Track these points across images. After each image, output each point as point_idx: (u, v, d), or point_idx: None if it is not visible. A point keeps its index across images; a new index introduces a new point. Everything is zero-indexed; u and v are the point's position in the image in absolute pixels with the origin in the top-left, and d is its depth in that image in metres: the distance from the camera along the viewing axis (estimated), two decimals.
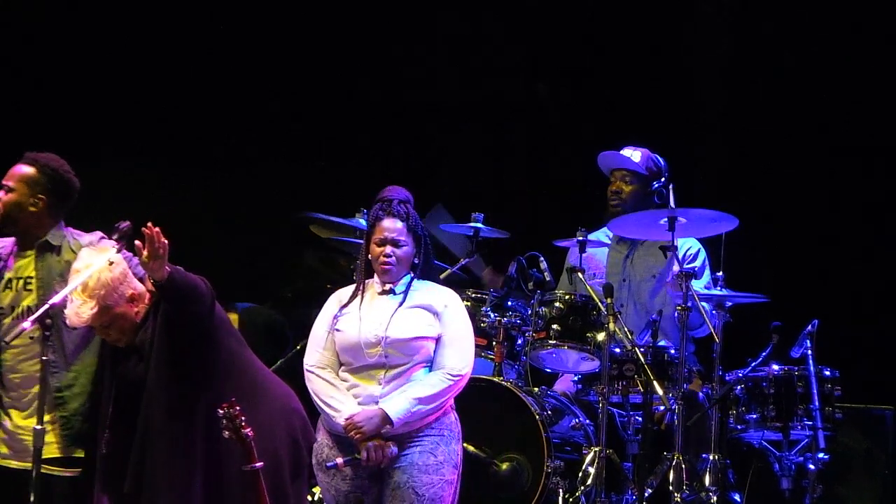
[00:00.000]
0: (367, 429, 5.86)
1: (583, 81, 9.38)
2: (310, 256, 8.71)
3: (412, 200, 6.12)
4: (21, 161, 6.43)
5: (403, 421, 5.88)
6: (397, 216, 6.02)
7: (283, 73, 9.55)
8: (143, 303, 5.99)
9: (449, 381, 5.94)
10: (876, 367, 8.15)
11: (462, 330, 6.03)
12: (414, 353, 5.96)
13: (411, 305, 6.02)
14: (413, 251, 6.05)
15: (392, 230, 6.01)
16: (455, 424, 6.05)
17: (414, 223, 6.05)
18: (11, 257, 6.41)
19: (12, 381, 6.33)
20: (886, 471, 7.84)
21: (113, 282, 5.91)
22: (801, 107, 8.82)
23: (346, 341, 6.00)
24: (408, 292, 6.04)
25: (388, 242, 6.01)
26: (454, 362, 5.97)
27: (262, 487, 5.69)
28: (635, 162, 7.85)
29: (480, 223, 7.77)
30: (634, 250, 7.89)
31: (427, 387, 5.92)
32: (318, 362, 6.05)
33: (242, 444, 5.67)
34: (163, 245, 5.70)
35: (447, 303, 6.05)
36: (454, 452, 6.00)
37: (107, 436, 5.98)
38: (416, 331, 5.97)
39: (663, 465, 7.05)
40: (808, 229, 8.66)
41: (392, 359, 5.96)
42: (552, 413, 7.34)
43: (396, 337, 5.96)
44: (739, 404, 7.23)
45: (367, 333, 5.97)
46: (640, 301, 7.81)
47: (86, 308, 5.87)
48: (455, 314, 6.04)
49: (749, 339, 7.33)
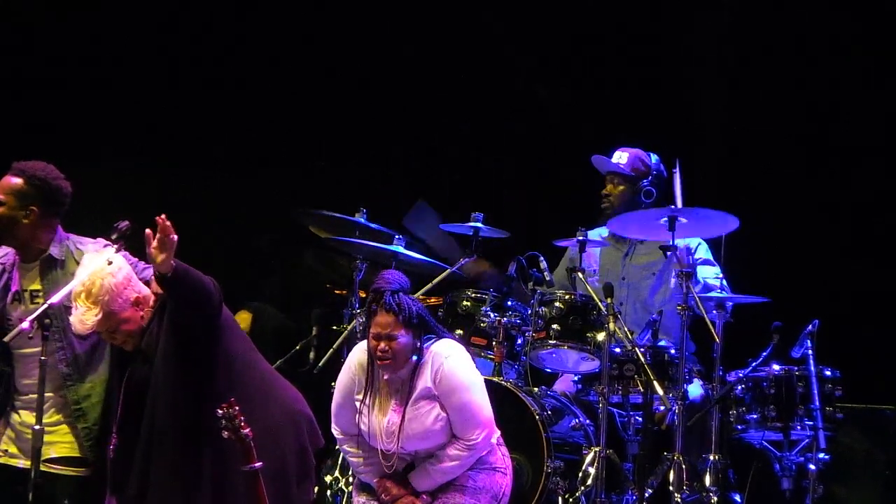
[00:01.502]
0: (396, 492, 6.00)
1: (583, 81, 9.38)
2: (310, 256, 8.70)
3: (407, 285, 6.08)
4: (9, 172, 6.38)
5: (429, 487, 6.01)
6: (389, 311, 5.97)
7: (283, 73, 9.55)
8: (148, 306, 5.97)
9: (468, 451, 6.02)
10: (876, 367, 8.14)
11: (459, 397, 6.01)
12: (434, 443, 6.02)
13: (418, 402, 6.01)
14: (410, 340, 6.00)
15: (385, 325, 5.97)
16: (502, 460, 6.13)
17: (407, 314, 5.98)
18: (16, 269, 6.40)
19: (25, 386, 6.34)
20: (887, 471, 7.84)
21: (116, 287, 5.90)
22: (801, 106, 8.81)
23: (368, 437, 6.06)
24: (413, 386, 6.02)
25: (382, 338, 5.98)
26: (466, 434, 6.01)
27: (261, 487, 5.68)
28: (621, 165, 7.89)
29: (480, 223, 7.76)
30: (633, 249, 7.90)
31: (447, 459, 6.01)
32: (349, 430, 6.11)
33: (242, 444, 5.66)
34: (172, 238, 5.68)
35: (437, 370, 6.02)
36: (497, 484, 6.08)
37: (114, 439, 5.98)
38: (431, 433, 6.00)
39: (663, 466, 7.04)
40: (808, 229, 8.65)
41: (414, 451, 6.04)
42: (552, 413, 7.33)
43: (413, 447, 6.02)
44: (740, 404, 7.22)
45: (384, 444, 6.03)
46: (639, 299, 7.81)
47: (90, 315, 5.86)
48: (448, 386, 6.01)
49: (749, 340, 7.33)
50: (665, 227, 7.20)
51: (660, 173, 7.93)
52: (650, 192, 7.85)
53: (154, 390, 5.87)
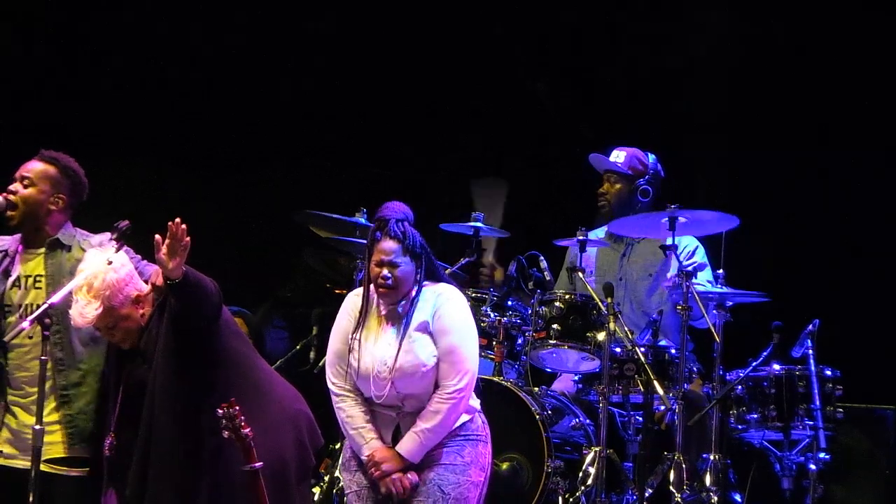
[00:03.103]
0: (387, 468, 5.91)
1: (583, 81, 9.38)
2: (310, 256, 8.70)
3: (411, 217, 6.06)
4: (38, 158, 6.44)
5: (421, 454, 5.93)
6: (394, 237, 5.96)
7: (283, 74, 9.55)
8: (148, 305, 5.97)
9: (449, 400, 5.93)
10: (877, 367, 8.14)
11: (449, 339, 5.97)
12: (425, 382, 5.96)
13: (414, 333, 5.98)
14: (412, 269, 5.99)
15: (388, 252, 5.96)
16: (482, 427, 6.07)
17: (411, 242, 5.98)
18: (18, 255, 6.41)
19: (19, 380, 6.32)
20: (887, 471, 7.84)
21: (118, 283, 5.90)
22: (801, 106, 8.81)
23: (358, 376, 6.01)
24: (410, 316, 6.00)
25: (384, 265, 5.97)
26: (449, 379, 5.94)
27: (261, 487, 5.68)
28: (618, 164, 7.89)
29: (480, 223, 7.76)
30: (631, 249, 7.90)
31: (431, 414, 5.93)
32: (345, 384, 6.05)
33: (242, 443, 5.66)
34: (185, 242, 5.68)
35: (434, 312, 5.99)
36: (481, 455, 6.02)
37: (110, 439, 5.97)
38: (422, 366, 5.94)
39: (664, 465, 7.05)
40: (808, 229, 8.65)
41: (404, 391, 5.97)
42: (552, 413, 7.34)
43: (403, 376, 5.94)
44: (740, 404, 7.22)
45: (376, 373, 5.96)
46: (636, 300, 7.81)
47: (90, 309, 5.86)
48: (442, 325, 5.98)
49: (750, 339, 7.33)
50: (665, 227, 7.21)
51: (657, 172, 7.95)
52: (647, 190, 7.87)
53: (152, 390, 5.86)
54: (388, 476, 5.90)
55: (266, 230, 9.37)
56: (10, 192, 6.37)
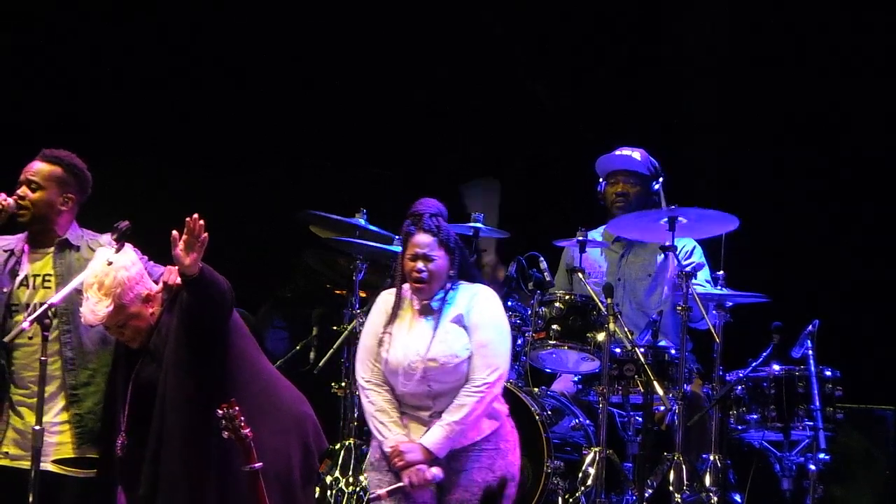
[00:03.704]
0: (410, 458, 5.90)
1: (583, 81, 9.38)
2: (310, 256, 8.70)
3: (445, 213, 6.11)
4: (41, 159, 6.40)
5: (445, 448, 5.93)
6: (428, 231, 6.01)
7: (283, 73, 9.55)
8: (158, 304, 5.97)
9: (476, 394, 5.94)
10: (877, 368, 8.15)
11: (484, 335, 6.00)
12: (456, 376, 5.97)
13: (447, 325, 6.01)
14: (446, 264, 6.03)
15: (423, 245, 6.00)
16: (511, 433, 6.08)
17: (445, 236, 6.03)
18: (24, 255, 6.40)
19: (26, 379, 6.28)
20: (887, 471, 7.84)
21: (129, 281, 5.90)
22: (801, 106, 8.81)
23: (389, 369, 6.03)
24: (443, 309, 6.03)
25: (419, 258, 6.01)
26: (479, 372, 5.97)
27: (261, 487, 5.68)
28: (640, 162, 7.86)
29: (480, 223, 7.76)
30: (630, 250, 7.90)
31: (458, 408, 5.94)
32: (371, 378, 6.08)
33: (242, 444, 5.66)
34: (203, 238, 5.67)
35: (471, 307, 6.02)
36: (511, 464, 6.03)
37: (122, 439, 5.96)
38: (454, 357, 5.96)
39: (664, 466, 7.05)
40: (808, 229, 8.65)
41: (435, 386, 5.99)
42: (552, 413, 7.34)
43: (435, 367, 5.96)
44: (740, 404, 7.22)
45: (407, 364, 5.98)
46: (635, 301, 7.81)
47: (101, 306, 5.86)
48: (477, 319, 6.01)
49: (749, 339, 7.33)
50: (665, 228, 7.20)
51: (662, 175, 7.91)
52: (658, 192, 7.84)
53: (163, 390, 5.86)
54: (411, 466, 5.89)
55: (266, 230, 9.37)
56: (19, 198, 6.34)
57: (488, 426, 5.99)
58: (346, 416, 7.73)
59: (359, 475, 7.48)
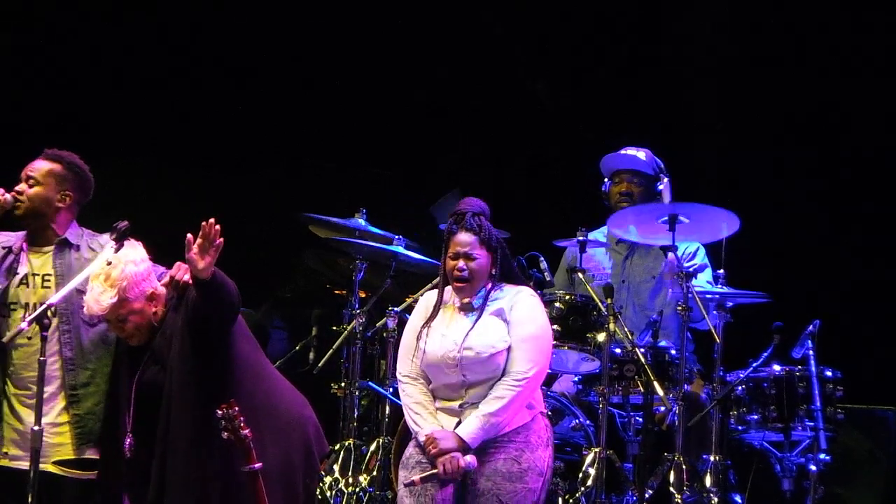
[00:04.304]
0: (444, 445, 5.90)
1: (583, 81, 9.37)
2: (310, 256, 8.70)
3: (487, 212, 6.11)
4: (42, 157, 6.41)
5: (479, 439, 5.93)
6: (470, 230, 6.03)
7: (283, 73, 9.55)
8: (161, 304, 5.96)
9: (515, 386, 5.95)
10: (877, 368, 8.15)
11: (526, 329, 6.01)
12: (491, 368, 5.98)
13: (487, 318, 6.03)
14: (488, 263, 6.05)
15: (465, 244, 6.03)
16: (545, 430, 6.08)
17: (487, 235, 6.04)
18: (23, 253, 6.40)
19: (26, 380, 6.27)
20: (888, 472, 7.84)
21: (136, 276, 5.90)
22: (801, 106, 8.81)
23: (426, 360, 6.05)
24: (484, 305, 6.05)
25: (461, 256, 6.03)
26: (519, 366, 5.97)
27: (261, 487, 5.67)
28: (645, 162, 7.86)
29: None
30: (634, 252, 7.90)
31: (494, 400, 5.95)
32: (409, 372, 6.10)
33: (241, 444, 5.66)
34: (218, 242, 5.66)
35: (514, 302, 6.04)
36: (540, 459, 6.01)
37: (129, 441, 5.95)
38: (491, 348, 5.97)
39: (664, 466, 7.04)
40: (808, 229, 8.65)
41: (470, 377, 6.00)
42: (552, 414, 7.32)
43: (471, 357, 5.97)
44: (740, 405, 7.22)
45: (444, 355, 6.00)
46: (639, 302, 7.81)
47: (106, 296, 5.85)
48: (521, 315, 6.03)
49: (750, 340, 7.32)
50: (665, 228, 7.20)
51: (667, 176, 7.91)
52: (661, 193, 7.83)
53: (168, 391, 5.85)
54: (445, 454, 5.88)
55: (266, 230, 9.36)
56: (16, 193, 6.35)
57: (520, 419, 6.00)
58: (345, 417, 7.73)
59: (359, 475, 7.48)
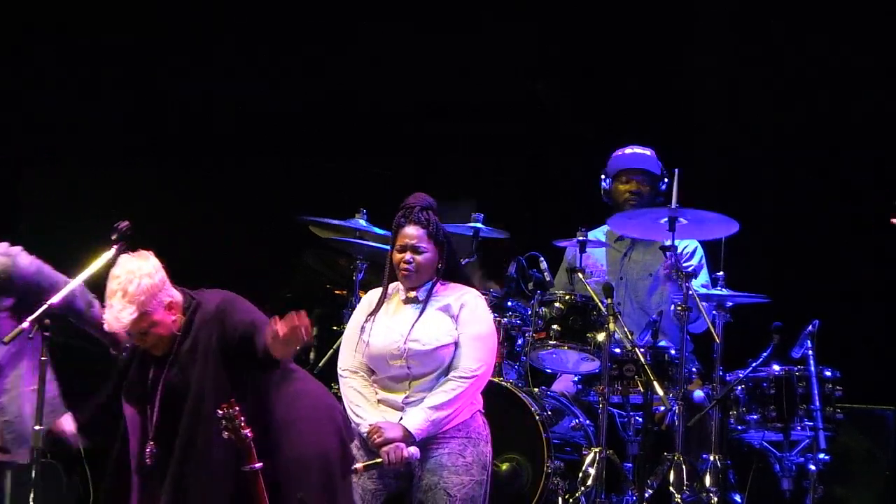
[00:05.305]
0: (389, 435, 5.95)
1: (583, 81, 9.38)
2: (310, 256, 8.70)
3: (435, 207, 6.18)
4: None
5: (425, 432, 5.98)
6: (418, 223, 6.10)
7: (283, 73, 9.55)
8: (179, 312, 5.92)
9: (463, 382, 6.02)
10: (877, 368, 8.14)
11: (476, 328, 6.09)
12: (437, 362, 6.05)
13: (432, 312, 6.09)
14: (435, 257, 6.12)
15: (412, 237, 6.09)
16: (483, 427, 6.15)
17: (435, 229, 6.11)
18: None
19: None
20: (887, 471, 7.83)
21: (152, 288, 5.86)
22: (801, 106, 8.81)
23: (370, 352, 6.11)
24: (429, 299, 6.11)
25: (408, 249, 6.09)
26: (466, 362, 6.05)
27: (261, 487, 5.66)
28: (654, 161, 7.87)
29: (480, 223, 7.76)
30: (632, 249, 7.90)
31: (441, 393, 6.01)
32: (350, 366, 6.17)
33: (242, 444, 5.64)
34: (304, 339, 5.58)
35: (463, 302, 6.11)
36: (482, 454, 6.10)
37: (151, 447, 5.90)
38: (436, 340, 6.05)
39: (664, 466, 7.04)
40: (808, 229, 8.65)
41: (415, 369, 6.06)
42: (552, 413, 7.33)
43: (417, 349, 6.04)
44: (740, 405, 7.22)
45: (389, 346, 6.06)
46: (637, 300, 7.81)
47: (126, 314, 5.82)
48: (470, 313, 6.10)
49: (749, 340, 7.32)
50: (664, 228, 7.20)
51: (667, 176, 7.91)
52: (664, 193, 7.83)
53: (199, 393, 5.76)
54: (389, 443, 5.92)
55: (266, 230, 9.37)
56: None
57: (461, 416, 6.05)
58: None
59: None
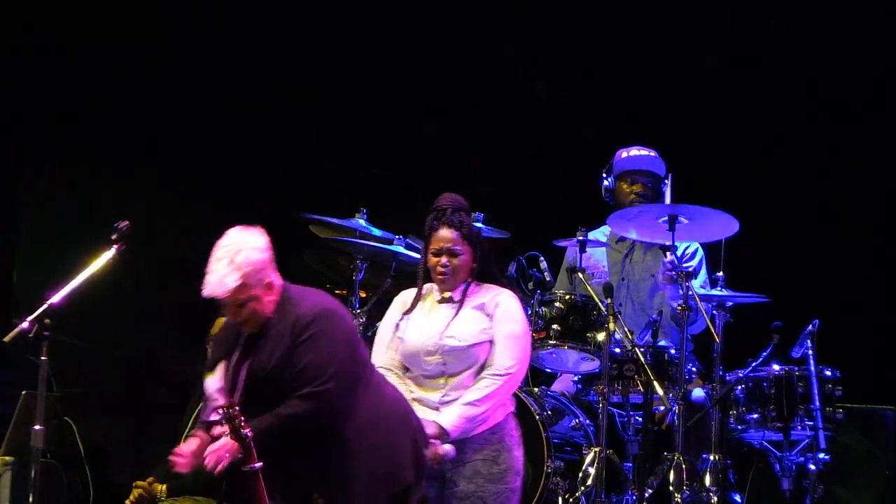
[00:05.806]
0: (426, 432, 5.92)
1: (583, 81, 9.38)
2: (310, 256, 8.69)
3: (467, 208, 6.20)
4: None
5: (459, 429, 5.99)
6: (452, 226, 6.12)
7: (283, 73, 9.54)
8: (277, 295, 5.88)
9: (497, 380, 6.04)
10: (877, 368, 8.15)
11: (511, 327, 6.12)
12: (472, 359, 6.08)
13: (468, 311, 6.12)
14: (470, 259, 6.15)
15: (447, 240, 6.12)
16: (515, 430, 6.18)
17: (469, 231, 6.14)
18: None
19: None
20: (887, 471, 7.83)
21: (260, 263, 5.84)
22: (801, 106, 8.81)
23: (406, 350, 6.13)
24: (465, 299, 6.14)
25: (443, 253, 6.12)
26: (502, 360, 6.08)
27: (261, 487, 5.66)
28: (659, 162, 7.86)
29: (480, 223, 7.75)
30: (633, 250, 7.90)
31: (476, 391, 6.04)
32: (384, 363, 6.18)
33: (242, 444, 5.64)
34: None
35: (498, 301, 6.14)
36: (515, 459, 6.13)
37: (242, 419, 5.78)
38: (472, 338, 6.08)
39: (663, 466, 7.04)
40: (808, 229, 8.65)
41: (450, 366, 6.08)
42: (552, 413, 7.33)
43: (453, 346, 6.07)
44: (740, 404, 7.22)
45: (425, 343, 6.08)
46: (638, 301, 7.81)
47: (231, 279, 5.76)
48: (505, 312, 6.13)
49: (749, 340, 7.32)
50: (664, 227, 7.20)
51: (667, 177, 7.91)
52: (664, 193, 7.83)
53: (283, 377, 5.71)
54: None
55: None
56: None
57: (496, 416, 6.07)
58: None
59: None
